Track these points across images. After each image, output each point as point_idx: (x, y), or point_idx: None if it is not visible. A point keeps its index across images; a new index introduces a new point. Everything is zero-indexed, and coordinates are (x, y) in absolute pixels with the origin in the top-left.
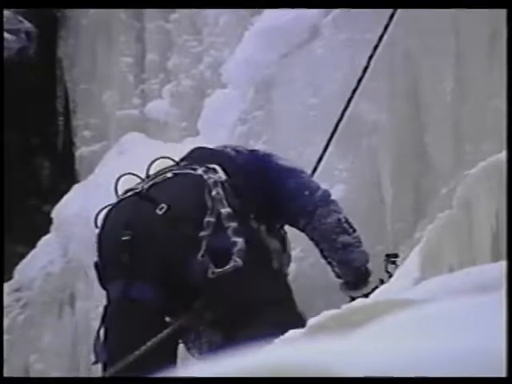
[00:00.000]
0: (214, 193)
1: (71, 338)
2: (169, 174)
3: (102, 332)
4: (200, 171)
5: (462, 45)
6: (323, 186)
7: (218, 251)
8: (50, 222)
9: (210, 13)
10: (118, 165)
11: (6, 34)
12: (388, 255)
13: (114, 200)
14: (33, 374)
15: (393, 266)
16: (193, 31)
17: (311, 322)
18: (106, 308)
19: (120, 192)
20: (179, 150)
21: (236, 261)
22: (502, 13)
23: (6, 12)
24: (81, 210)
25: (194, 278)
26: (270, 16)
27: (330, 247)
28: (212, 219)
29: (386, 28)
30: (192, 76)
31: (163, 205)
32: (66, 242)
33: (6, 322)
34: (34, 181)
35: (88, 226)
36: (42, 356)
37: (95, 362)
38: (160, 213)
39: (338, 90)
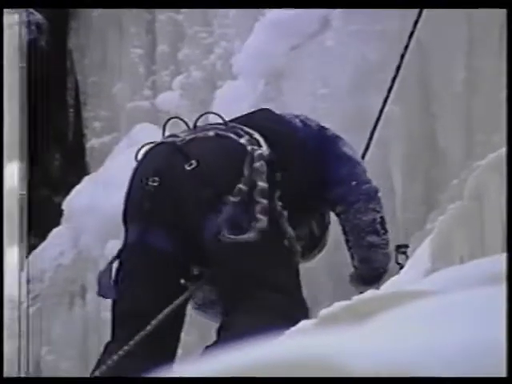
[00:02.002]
0: (256, 164)
1: (82, 329)
2: (211, 133)
3: (113, 267)
4: (244, 140)
5: (473, 34)
6: None
7: (238, 220)
8: (60, 213)
9: None
10: (128, 156)
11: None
12: (398, 246)
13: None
14: (44, 365)
15: (403, 256)
16: (203, 22)
17: (322, 313)
18: (122, 248)
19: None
20: None
21: (251, 235)
22: None
23: None
24: (91, 201)
25: (208, 239)
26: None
27: (356, 243)
28: (245, 188)
29: (415, 24)
30: (203, 67)
31: (193, 161)
32: (77, 234)
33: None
34: (44, 172)
35: (98, 218)
36: (53, 347)
37: (100, 295)
38: (188, 168)
39: (348, 82)
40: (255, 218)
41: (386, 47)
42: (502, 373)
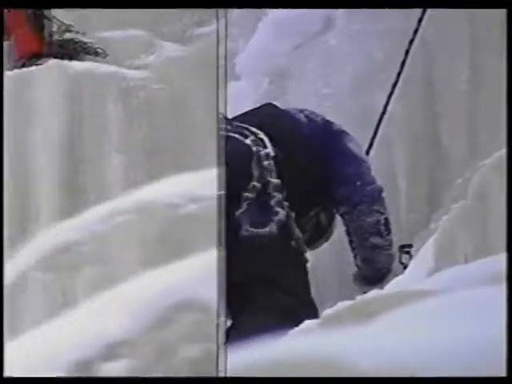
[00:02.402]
0: (265, 163)
1: None
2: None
3: None
4: (249, 141)
5: (477, 33)
6: None
7: (257, 214)
8: None
9: None
10: None
11: None
12: (402, 246)
13: None
14: None
15: (407, 256)
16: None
17: (327, 313)
18: None
19: None
20: None
21: (273, 227)
22: None
23: None
24: None
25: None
26: None
27: (360, 243)
28: (258, 185)
29: (419, 21)
30: None
31: None
32: None
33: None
34: None
35: None
36: None
37: None
38: None
39: (351, 81)
40: (273, 212)
41: (390, 46)
42: (502, 373)
